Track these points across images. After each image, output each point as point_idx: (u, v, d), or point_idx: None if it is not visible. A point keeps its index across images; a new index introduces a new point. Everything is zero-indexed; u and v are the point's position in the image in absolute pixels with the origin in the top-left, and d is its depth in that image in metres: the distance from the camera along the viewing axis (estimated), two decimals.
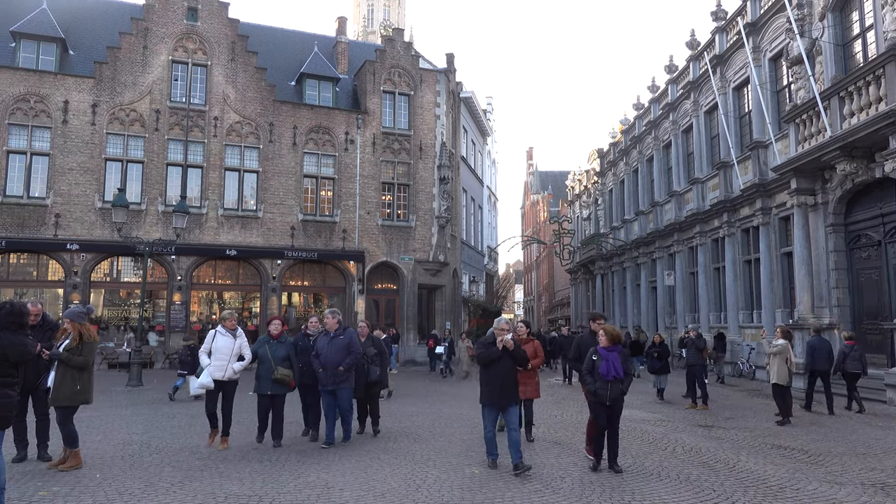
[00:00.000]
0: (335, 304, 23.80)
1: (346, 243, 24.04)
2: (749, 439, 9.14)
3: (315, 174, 24.14)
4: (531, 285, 77.47)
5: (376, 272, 24.90)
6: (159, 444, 8.33)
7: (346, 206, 24.22)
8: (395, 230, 24.93)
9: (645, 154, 29.43)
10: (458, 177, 29.86)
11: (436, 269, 25.63)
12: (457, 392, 15.79)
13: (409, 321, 24.57)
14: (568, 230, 36.57)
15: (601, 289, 35.97)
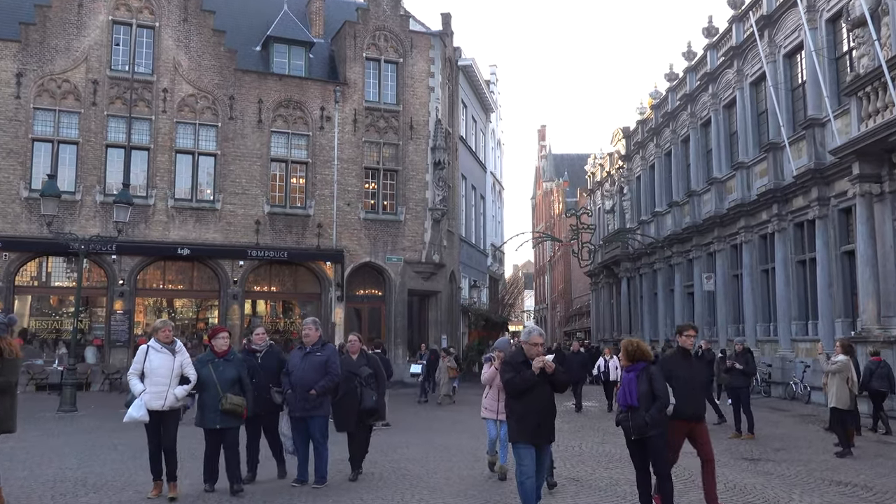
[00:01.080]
0: (309, 312, 23.79)
1: (322, 241, 24.02)
2: (803, 474, 9.14)
3: (284, 157, 24.12)
4: (543, 291, 77.66)
5: (358, 275, 24.90)
6: (97, 481, 8.27)
7: (322, 196, 24.20)
8: (381, 225, 24.92)
9: (679, 134, 29.50)
10: (456, 161, 29.90)
11: (429, 271, 25.63)
12: (452, 417, 15.77)
13: (398, 334, 24.59)
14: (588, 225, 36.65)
15: (627, 295, 36.06)
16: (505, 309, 41.59)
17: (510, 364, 6.22)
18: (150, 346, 7.55)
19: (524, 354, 6.21)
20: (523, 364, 6.16)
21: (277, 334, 24.01)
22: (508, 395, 6.19)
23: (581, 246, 34.08)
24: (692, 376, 7.05)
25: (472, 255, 35.05)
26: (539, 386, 6.05)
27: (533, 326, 6.40)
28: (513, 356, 6.30)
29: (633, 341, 6.70)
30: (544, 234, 50.39)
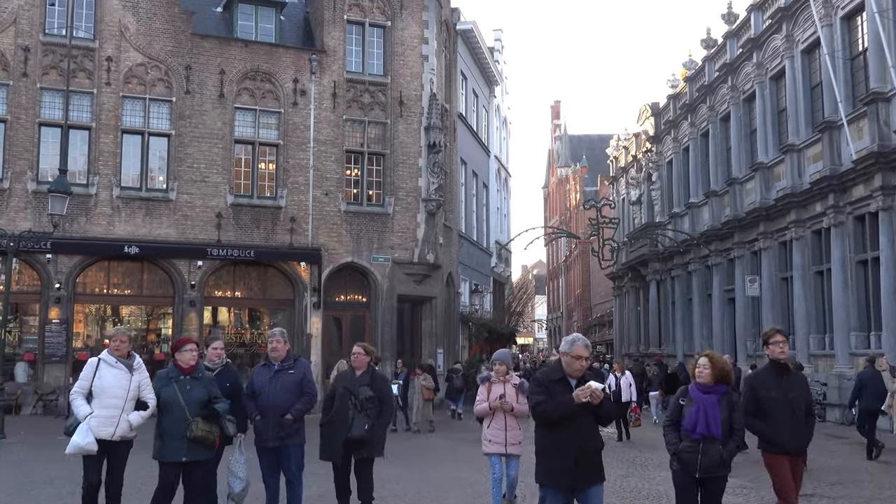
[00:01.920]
0: (280, 322, 23.77)
1: (296, 237, 24.01)
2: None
3: (251, 139, 24.10)
4: (558, 297, 77.80)
5: (339, 278, 24.87)
6: None
7: (296, 185, 24.20)
8: (366, 219, 24.93)
9: (718, 111, 29.53)
10: (454, 143, 29.87)
11: (423, 273, 25.64)
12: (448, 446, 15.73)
13: (385, 348, 24.59)
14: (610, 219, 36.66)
15: (656, 301, 36.11)
16: (512, 318, 41.64)
17: (542, 383, 5.75)
18: (102, 359, 7.32)
19: (562, 371, 5.74)
20: (560, 384, 5.69)
21: (243, 348, 23.98)
22: (541, 423, 5.75)
23: (602, 243, 34.10)
24: (790, 397, 6.61)
25: (473, 255, 35.04)
26: (581, 414, 5.55)
27: (577, 336, 5.91)
28: (547, 373, 5.86)
29: (723, 357, 6.49)
30: (558, 229, 50.46)
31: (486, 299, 38.49)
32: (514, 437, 8.49)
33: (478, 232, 36.93)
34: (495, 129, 42.18)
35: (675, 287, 33.89)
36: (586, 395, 5.50)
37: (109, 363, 7.31)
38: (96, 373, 7.25)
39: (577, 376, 5.74)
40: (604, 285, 55.33)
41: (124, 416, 7.21)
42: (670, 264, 34.22)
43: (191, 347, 7.62)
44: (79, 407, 7.16)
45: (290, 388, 8.01)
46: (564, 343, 5.83)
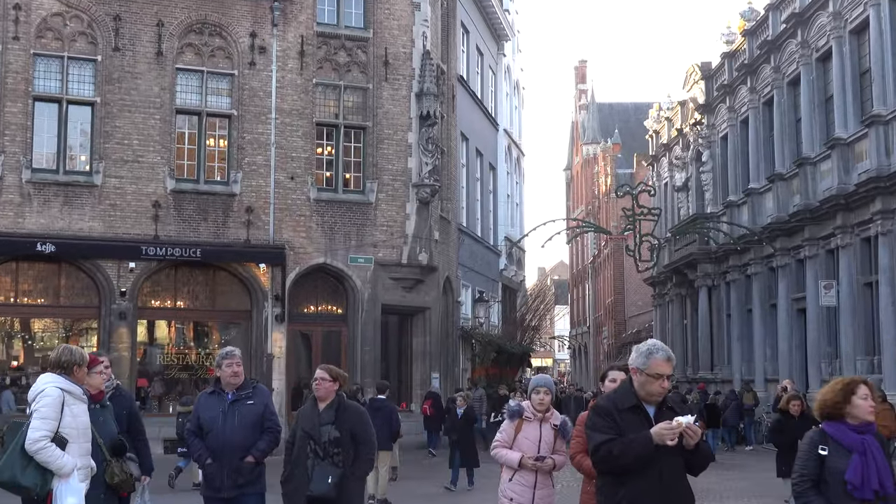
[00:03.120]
0: (233, 339, 23.79)
1: (254, 232, 24.02)
2: None
3: (197, 108, 24.11)
4: (583, 308, 77.82)
5: (308, 284, 24.86)
6: None
7: (253, 167, 24.21)
8: (342, 209, 24.95)
9: (785, 72, 29.60)
10: (453, 114, 29.90)
11: (414, 278, 25.67)
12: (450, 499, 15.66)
13: (366, 370, 24.61)
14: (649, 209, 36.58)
15: (707, 312, 36.15)
16: (526, 334, 41.62)
17: (606, 414, 5.21)
18: (66, 390, 6.87)
19: (635, 396, 5.23)
20: (632, 415, 5.18)
21: (186, 372, 24.01)
22: (601, 472, 5.30)
23: (639, 240, 33.99)
24: None
25: (476, 254, 35.07)
26: (664, 458, 5.04)
27: (654, 344, 5.32)
28: (614, 399, 5.31)
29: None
30: (584, 222, 50.51)
31: (494, 310, 38.49)
32: (545, 496, 7.79)
33: (483, 226, 36.95)
34: (505, 97, 42.25)
35: (730, 295, 33.92)
36: (673, 435, 4.95)
37: (76, 395, 6.94)
38: (63, 407, 6.81)
39: (657, 402, 5.23)
40: (641, 293, 55.31)
41: None
42: (725, 266, 34.27)
43: (103, 367, 7.51)
44: (60, 461, 6.68)
45: (250, 423, 7.99)
46: (637, 355, 5.27)
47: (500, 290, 39.94)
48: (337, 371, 7.94)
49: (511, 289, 43.30)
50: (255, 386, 8.29)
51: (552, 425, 7.82)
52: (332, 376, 7.83)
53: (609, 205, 61.64)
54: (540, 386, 7.94)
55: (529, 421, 7.84)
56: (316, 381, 7.87)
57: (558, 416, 7.96)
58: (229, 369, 8.12)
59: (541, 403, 7.83)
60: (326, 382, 7.77)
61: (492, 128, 38.75)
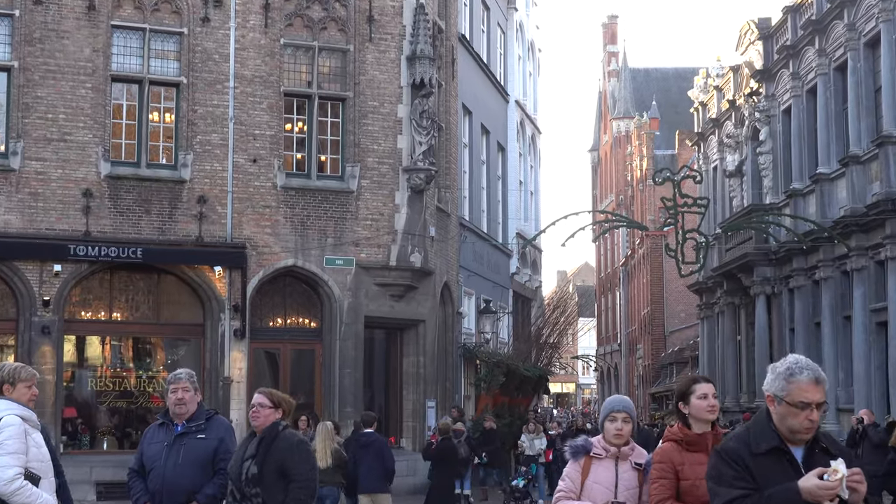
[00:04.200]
0: (183, 360, 23.79)
1: (208, 227, 24.03)
2: None
3: (137, 75, 24.10)
4: (613, 321, 77.70)
5: (274, 292, 24.91)
6: None
7: (207, 147, 24.23)
8: (316, 199, 24.98)
9: (861, 30, 29.54)
10: (453, 82, 29.89)
11: (404, 284, 25.68)
12: None
13: (345, 399, 24.65)
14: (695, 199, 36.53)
15: (766, 326, 36.05)
16: (543, 353, 41.55)
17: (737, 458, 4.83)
18: (23, 417, 7.13)
19: (776, 434, 4.85)
20: (773, 460, 4.80)
21: (125, 399, 24.01)
22: None
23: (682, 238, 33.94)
24: None
25: (482, 255, 35.03)
26: None
27: (798, 361, 4.88)
28: (746, 438, 4.94)
29: None
30: (615, 215, 50.43)
31: (504, 324, 38.37)
32: None
33: (490, 220, 36.90)
34: (517, 61, 42.20)
35: (794, 305, 33.83)
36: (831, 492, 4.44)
37: (32, 422, 7.19)
38: (27, 440, 7.09)
39: (805, 441, 4.84)
40: (685, 302, 55.17)
41: None
42: (787, 269, 34.18)
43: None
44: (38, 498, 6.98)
45: (198, 462, 8.08)
46: (773, 377, 4.93)
47: (511, 299, 39.87)
48: (280, 396, 7.99)
49: (524, 297, 43.22)
50: (210, 417, 8.37)
51: (633, 464, 7.07)
52: (274, 402, 7.87)
53: (645, 194, 61.59)
54: (616, 410, 7.10)
55: (600, 459, 7.11)
56: (253, 409, 7.91)
57: (642, 451, 7.19)
58: (173, 396, 8.22)
59: (618, 435, 7.05)
60: (265, 410, 7.83)
61: (501, 99, 38.70)
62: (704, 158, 44.78)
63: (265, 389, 8.07)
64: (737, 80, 40.19)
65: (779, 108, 35.66)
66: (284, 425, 7.90)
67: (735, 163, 39.68)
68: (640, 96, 68.24)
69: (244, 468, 7.71)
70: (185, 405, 8.18)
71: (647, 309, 63.42)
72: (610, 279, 78.30)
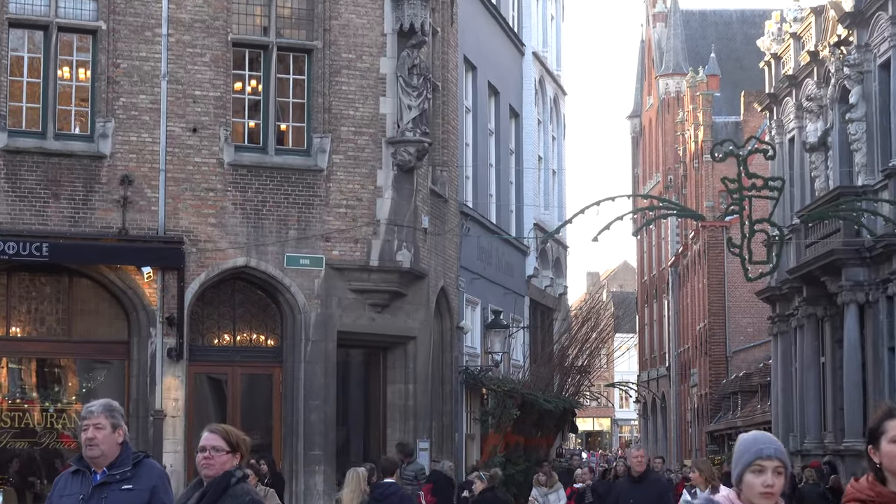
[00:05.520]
0: (101, 388, 23.80)
1: (134, 216, 24.11)
2: None
3: (43, 20, 24.17)
4: (660, 337, 77.64)
5: (220, 299, 25.19)
6: None
7: (133, 114, 24.36)
8: (274, 180, 25.15)
9: None
10: (451, 28, 29.94)
11: (390, 289, 25.82)
12: None
13: (312, 439, 24.76)
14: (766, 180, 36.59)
15: (857, 343, 36.07)
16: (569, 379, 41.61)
17: None
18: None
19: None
20: None
21: (25, 438, 24.04)
22: None
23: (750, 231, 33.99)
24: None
25: (490, 252, 35.07)
26: None
27: None
28: None
29: None
30: (662, 201, 50.40)
31: (518, 342, 38.42)
32: None
33: (501, 208, 36.96)
34: (535, 2, 42.22)
35: (894, 317, 33.88)
36: None
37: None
38: None
39: None
40: (753, 314, 55.24)
41: None
42: (886, 270, 34.24)
43: None
44: None
45: None
46: None
47: (528, 310, 39.96)
48: (238, 435, 7.99)
49: (545, 307, 43.30)
50: (138, 462, 8.33)
51: None
52: (231, 444, 7.90)
53: (701, 173, 61.75)
54: (765, 457, 5.90)
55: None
56: (204, 454, 7.90)
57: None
58: (84, 435, 8.17)
59: (767, 495, 5.91)
60: (222, 456, 7.86)
61: (514, 51, 38.76)
62: (778, 127, 44.82)
63: (218, 427, 8.02)
64: (820, 26, 40.17)
65: (875, 61, 35.67)
66: (239, 477, 7.86)
67: (818, 133, 39.66)
68: (695, 47, 68.36)
69: None
70: (97, 447, 8.11)
71: (704, 323, 63.55)
72: (655, 284, 78.44)
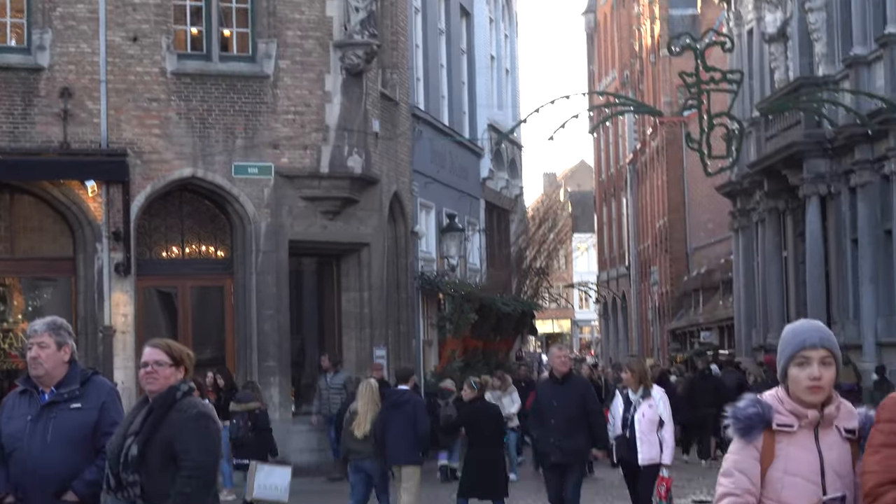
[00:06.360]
0: (47, 305, 23.79)
1: (75, 129, 24.03)
2: None
3: None
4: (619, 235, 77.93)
5: (168, 212, 25.21)
6: None
7: (70, 23, 24.20)
8: (219, 88, 25.13)
9: None
10: None
11: (341, 196, 25.89)
12: None
13: (266, 350, 24.91)
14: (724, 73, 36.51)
15: (819, 236, 36.21)
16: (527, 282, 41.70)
17: None
18: None
19: None
20: None
21: None
22: None
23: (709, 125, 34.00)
24: None
25: (444, 156, 35.00)
26: None
27: None
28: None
29: None
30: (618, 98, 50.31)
31: (474, 245, 38.46)
32: None
33: (453, 109, 36.84)
34: None
35: (856, 207, 33.97)
36: None
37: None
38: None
39: None
40: (713, 209, 55.40)
41: None
42: (848, 162, 34.27)
43: None
44: None
45: (75, 439, 8.13)
46: None
47: (484, 213, 39.99)
48: (180, 349, 7.92)
49: (501, 209, 43.34)
50: (87, 380, 8.34)
51: (843, 432, 5.78)
52: (174, 358, 7.83)
53: (658, 68, 61.65)
54: (808, 347, 5.56)
55: (790, 433, 5.71)
56: (146, 369, 7.83)
57: (850, 409, 5.85)
58: (29, 354, 8.24)
59: (815, 389, 5.55)
60: (165, 369, 7.78)
61: None
62: (736, 19, 44.72)
63: (159, 341, 7.95)
64: None
65: None
66: (185, 391, 7.78)
67: (777, 24, 39.55)
68: None
69: (125, 447, 7.68)
70: (41, 366, 8.16)
71: (664, 220, 63.80)
72: (613, 182, 78.62)
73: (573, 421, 16.34)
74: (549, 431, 16.14)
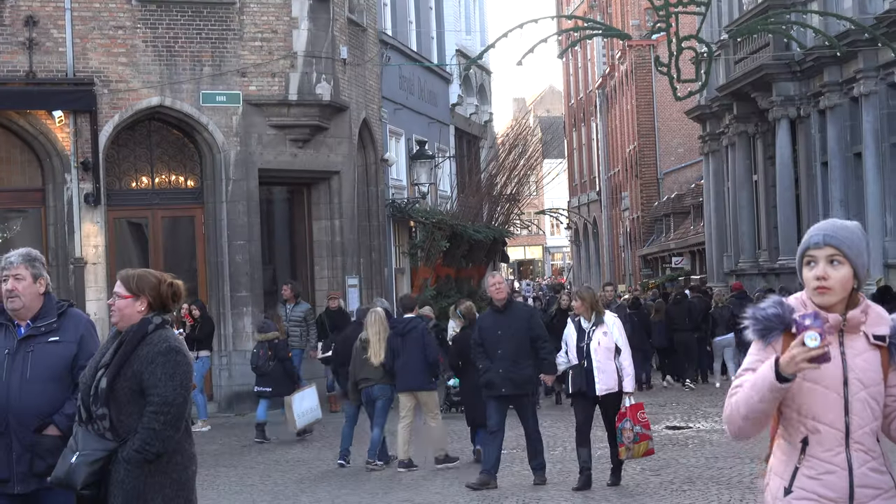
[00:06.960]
0: (18, 237, 23.86)
1: (41, 59, 23.97)
2: None
3: None
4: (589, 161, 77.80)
5: (136, 141, 25.17)
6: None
7: None
8: (185, 15, 25.03)
9: None
10: None
11: (310, 124, 25.87)
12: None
13: (238, 280, 25.02)
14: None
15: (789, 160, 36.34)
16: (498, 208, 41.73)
17: None
18: None
19: None
20: None
21: None
22: None
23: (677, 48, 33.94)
24: None
25: (412, 82, 34.90)
26: None
27: None
28: None
29: None
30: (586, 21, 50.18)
31: (444, 172, 38.42)
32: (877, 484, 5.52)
33: (421, 34, 36.67)
34: None
35: (826, 130, 34.04)
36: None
37: None
38: None
39: None
40: (683, 134, 55.53)
41: None
42: (817, 84, 34.32)
43: None
44: None
45: (54, 373, 8.11)
46: None
47: (454, 139, 39.89)
48: (141, 278, 7.79)
49: (471, 136, 43.24)
50: (63, 312, 8.32)
51: (871, 339, 5.51)
52: (130, 289, 7.73)
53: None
54: (812, 246, 5.38)
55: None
56: (109, 300, 7.92)
57: (881, 314, 5.59)
58: (4, 286, 8.19)
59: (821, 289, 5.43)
60: (121, 301, 7.71)
61: None
62: None
63: (122, 272, 7.86)
64: None
65: None
66: (157, 324, 7.70)
67: None
68: None
69: (96, 378, 7.64)
70: (18, 298, 8.12)
71: (634, 145, 63.74)
72: (583, 107, 78.41)
73: (521, 349, 16.37)
74: (496, 363, 16.07)
